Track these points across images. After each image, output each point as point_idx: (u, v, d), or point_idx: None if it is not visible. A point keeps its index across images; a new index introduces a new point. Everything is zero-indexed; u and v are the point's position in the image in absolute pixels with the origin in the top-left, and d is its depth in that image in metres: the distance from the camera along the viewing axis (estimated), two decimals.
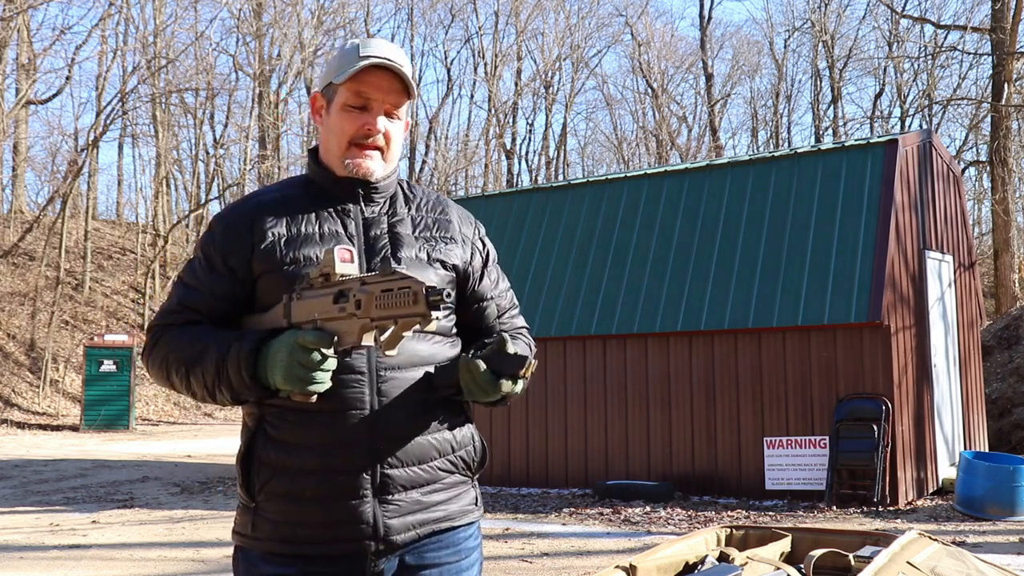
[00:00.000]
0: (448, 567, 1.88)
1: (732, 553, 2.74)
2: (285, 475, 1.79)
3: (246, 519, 1.84)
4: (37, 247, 26.93)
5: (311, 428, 1.77)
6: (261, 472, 1.81)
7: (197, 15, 30.35)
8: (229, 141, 32.49)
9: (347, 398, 1.77)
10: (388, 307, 1.61)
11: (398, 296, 1.59)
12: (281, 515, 1.79)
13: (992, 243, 25.47)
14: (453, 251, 1.97)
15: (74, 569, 6.75)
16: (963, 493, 8.53)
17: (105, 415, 20.41)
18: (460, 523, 1.90)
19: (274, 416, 1.80)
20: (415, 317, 1.57)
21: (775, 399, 9.29)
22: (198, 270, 1.88)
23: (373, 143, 1.89)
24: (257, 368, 1.71)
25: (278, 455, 1.79)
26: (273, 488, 1.80)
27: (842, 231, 9.22)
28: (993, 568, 2.83)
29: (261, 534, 1.82)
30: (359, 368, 1.78)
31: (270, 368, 1.69)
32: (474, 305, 2.01)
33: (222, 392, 1.75)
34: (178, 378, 1.81)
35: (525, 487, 10.34)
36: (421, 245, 1.92)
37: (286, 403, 1.77)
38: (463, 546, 1.91)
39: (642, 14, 38.36)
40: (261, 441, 1.82)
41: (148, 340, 1.89)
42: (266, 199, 1.91)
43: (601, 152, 41.26)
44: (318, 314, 1.70)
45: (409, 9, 38.11)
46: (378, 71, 1.85)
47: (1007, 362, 13.73)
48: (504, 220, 11.34)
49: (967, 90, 28.95)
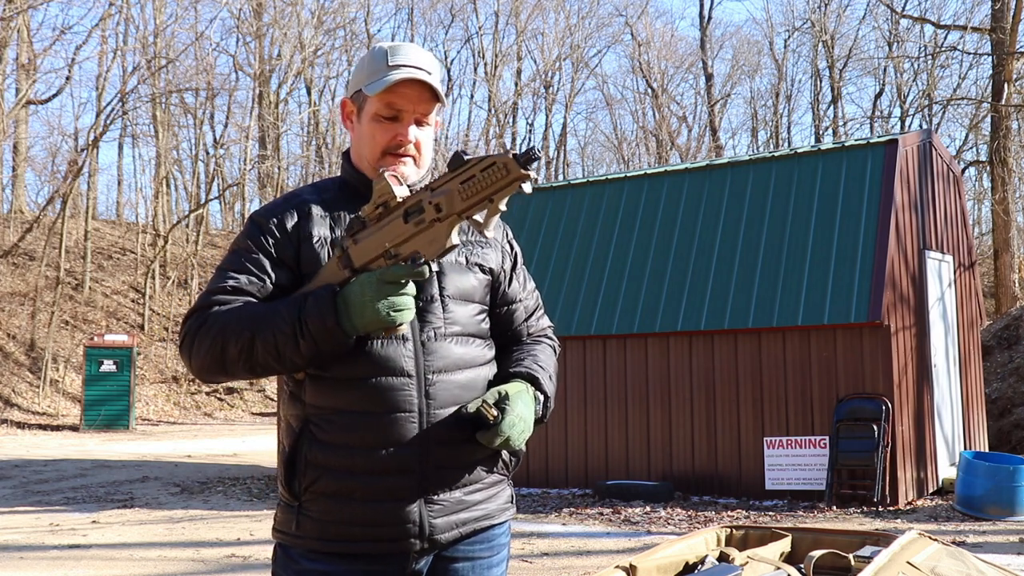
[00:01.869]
0: (481, 561, 1.93)
1: (732, 553, 2.74)
2: (333, 475, 1.80)
3: (289, 517, 1.86)
4: (37, 247, 26.93)
5: (361, 429, 1.79)
6: (307, 472, 1.82)
7: (197, 15, 30.37)
8: (229, 141, 32.50)
9: (397, 400, 1.80)
10: (477, 192, 1.63)
11: (486, 177, 1.62)
12: (327, 514, 1.81)
13: (992, 243, 25.47)
14: (489, 255, 2.00)
15: (74, 569, 6.75)
16: (963, 493, 8.53)
17: (105, 415, 20.42)
18: (497, 521, 1.95)
19: (320, 418, 1.82)
20: (514, 184, 1.61)
21: (775, 399, 9.29)
22: (246, 261, 1.85)
23: (404, 151, 1.91)
24: (339, 316, 1.70)
25: (325, 456, 1.81)
26: (320, 488, 1.81)
27: (842, 231, 9.22)
28: (993, 568, 2.83)
29: (305, 532, 1.83)
30: (408, 371, 1.81)
31: (356, 311, 1.69)
32: (504, 307, 2.03)
33: (298, 348, 1.72)
34: (237, 348, 1.75)
35: (525, 487, 10.34)
36: (459, 249, 1.93)
37: (331, 403, 1.80)
38: (496, 542, 1.96)
39: (642, 14, 38.41)
40: (307, 442, 1.82)
41: (191, 321, 1.82)
42: (308, 199, 1.92)
43: (601, 152, 41.32)
44: (389, 243, 1.72)
45: (409, 9, 38.16)
46: (408, 81, 1.86)
47: (1007, 362, 13.73)
48: (504, 220, 11.32)
49: (967, 90, 28.97)
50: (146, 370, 24.98)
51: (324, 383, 1.82)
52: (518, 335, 2.06)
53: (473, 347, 1.91)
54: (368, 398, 1.79)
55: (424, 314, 1.85)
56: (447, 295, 1.88)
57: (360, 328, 1.70)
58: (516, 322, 2.06)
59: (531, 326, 2.09)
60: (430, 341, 1.84)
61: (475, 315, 1.93)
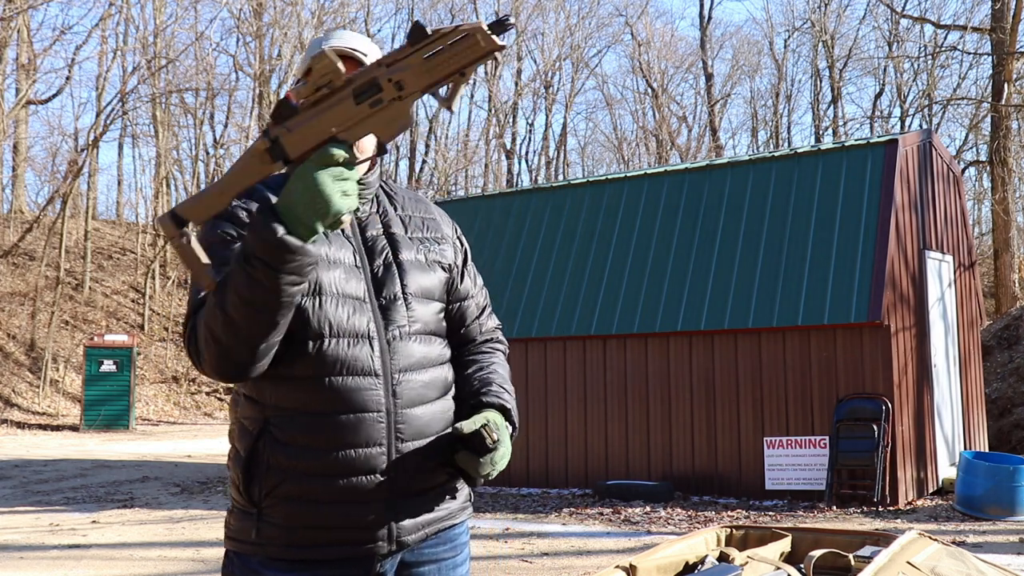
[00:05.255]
0: (446, 562, 1.91)
1: (732, 553, 2.74)
2: (297, 478, 1.75)
3: (247, 524, 1.79)
4: (37, 247, 26.93)
5: (328, 430, 1.75)
6: (268, 476, 1.76)
7: (197, 15, 30.42)
8: (229, 141, 32.49)
9: (365, 400, 1.77)
10: (444, 65, 1.49)
11: (455, 49, 1.48)
12: (292, 519, 1.76)
13: (992, 243, 25.47)
14: (446, 251, 1.98)
15: (74, 569, 6.75)
16: (963, 493, 8.53)
17: (105, 415, 20.42)
18: (459, 520, 1.93)
19: (282, 419, 1.77)
20: (488, 55, 1.48)
21: (775, 399, 9.29)
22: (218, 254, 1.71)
23: None
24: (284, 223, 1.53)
25: (288, 458, 1.75)
26: (283, 492, 1.76)
27: (842, 231, 9.22)
28: (993, 568, 2.83)
29: (266, 539, 1.78)
30: (376, 371, 1.79)
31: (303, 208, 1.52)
32: (457, 304, 2.01)
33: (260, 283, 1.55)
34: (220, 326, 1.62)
35: (525, 487, 10.34)
36: (417, 247, 1.92)
37: (295, 404, 1.75)
38: (458, 541, 1.94)
39: (642, 14, 38.40)
40: (268, 444, 1.77)
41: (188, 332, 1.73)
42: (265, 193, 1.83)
43: (601, 152, 41.31)
44: (336, 128, 1.53)
45: (409, 9, 38.13)
46: (343, 61, 1.82)
47: (1007, 362, 13.73)
48: (504, 220, 11.34)
49: (967, 90, 28.97)
50: (146, 370, 24.98)
51: (287, 383, 1.76)
52: (470, 334, 2.03)
53: (435, 346, 1.90)
54: (335, 398, 1.75)
55: (388, 313, 1.82)
56: (410, 293, 1.86)
57: (312, 226, 1.52)
58: (468, 319, 2.02)
59: (483, 324, 2.06)
60: (395, 340, 1.81)
61: (436, 313, 1.92)
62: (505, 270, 10.85)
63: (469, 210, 11.81)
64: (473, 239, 11.25)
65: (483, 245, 11.13)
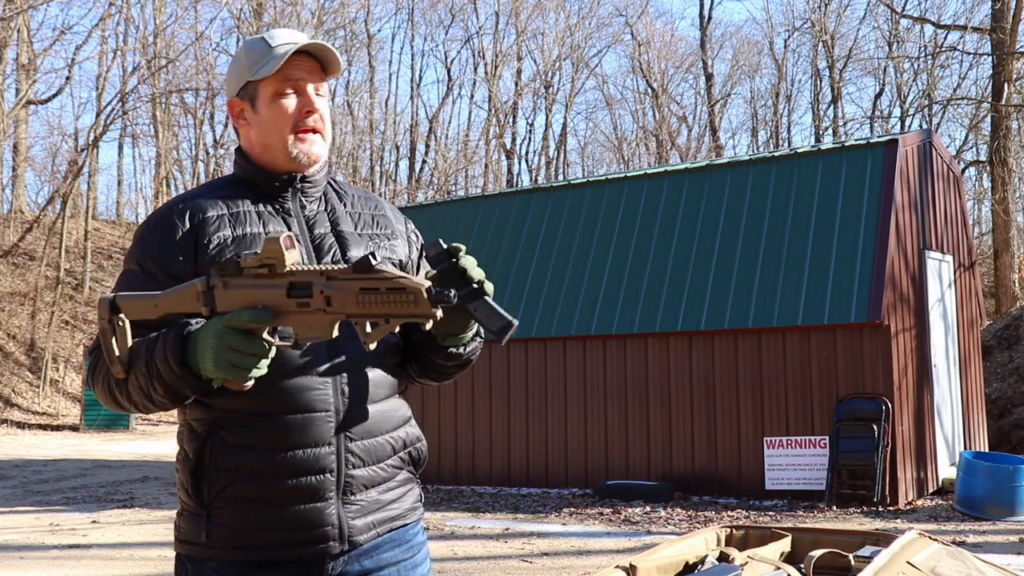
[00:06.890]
0: (404, 563, 1.90)
1: (732, 553, 2.74)
2: (245, 480, 1.75)
3: (197, 527, 1.78)
4: (37, 247, 26.93)
5: (278, 431, 1.75)
6: (217, 478, 1.76)
7: (197, 15, 30.39)
8: (229, 141, 32.48)
9: (314, 400, 1.76)
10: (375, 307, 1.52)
11: (391, 297, 1.51)
12: (241, 521, 1.75)
13: (992, 243, 25.47)
14: (398, 247, 1.97)
15: (74, 569, 6.75)
16: (963, 493, 8.53)
17: (105, 415, 20.41)
18: (410, 520, 1.92)
19: (231, 421, 1.76)
20: (417, 318, 1.51)
21: (775, 399, 9.29)
22: (136, 285, 1.78)
23: (313, 126, 1.87)
24: (187, 356, 1.62)
25: (237, 460, 1.75)
26: (232, 493, 1.75)
27: (842, 231, 9.22)
28: (993, 568, 2.83)
29: (216, 542, 1.77)
30: (323, 370, 1.78)
31: (200, 354, 1.59)
32: None
33: (156, 390, 1.65)
34: (119, 391, 1.71)
35: (525, 487, 10.34)
36: (367, 244, 1.91)
37: (244, 406, 1.74)
38: (413, 542, 1.93)
39: (642, 14, 38.40)
40: (216, 447, 1.76)
41: (92, 361, 1.78)
42: (202, 202, 1.84)
43: (601, 152, 41.29)
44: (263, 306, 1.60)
45: (409, 9, 38.14)
46: (298, 55, 1.84)
47: (1007, 362, 13.73)
48: (504, 220, 11.34)
49: (967, 90, 28.96)
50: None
51: None
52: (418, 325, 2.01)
53: (382, 343, 1.87)
54: (283, 398, 1.74)
55: None
56: None
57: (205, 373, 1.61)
58: None
59: None
60: (344, 338, 1.77)
61: None
62: (505, 270, 10.85)
63: (469, 210, 11.81)
64: (473, 239, 11.25)
65: (483, 245, 11.13)
